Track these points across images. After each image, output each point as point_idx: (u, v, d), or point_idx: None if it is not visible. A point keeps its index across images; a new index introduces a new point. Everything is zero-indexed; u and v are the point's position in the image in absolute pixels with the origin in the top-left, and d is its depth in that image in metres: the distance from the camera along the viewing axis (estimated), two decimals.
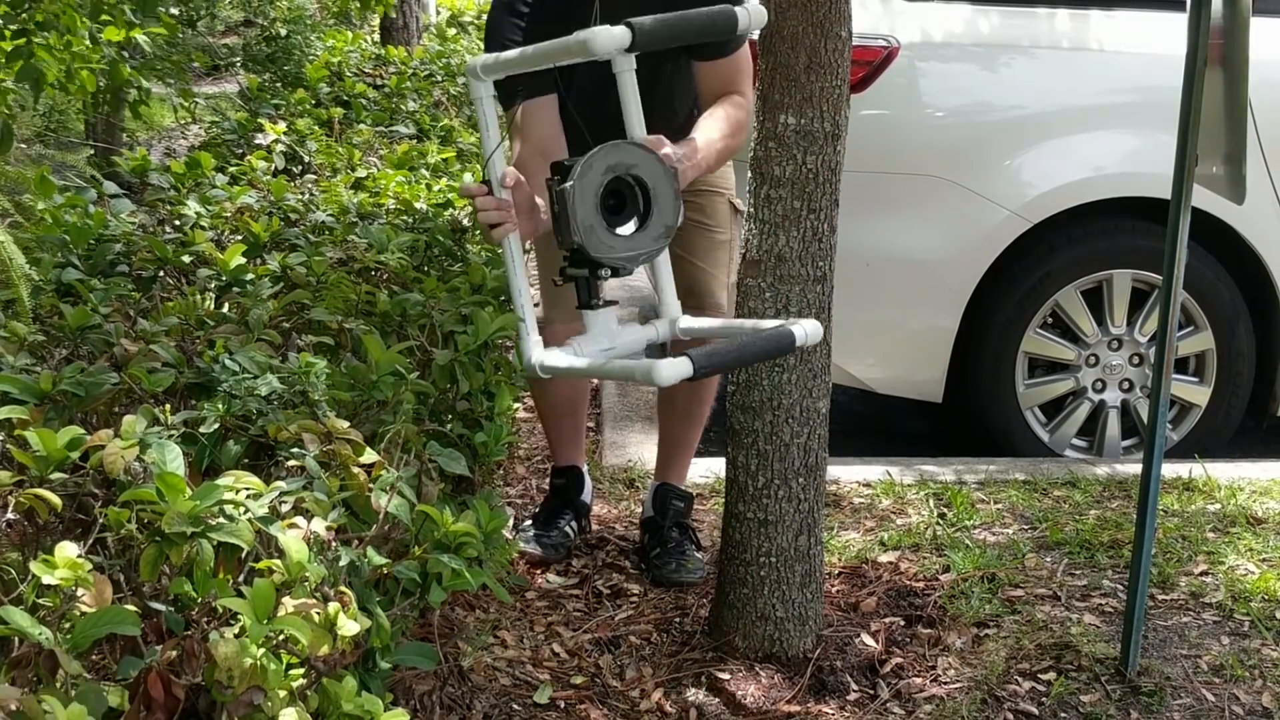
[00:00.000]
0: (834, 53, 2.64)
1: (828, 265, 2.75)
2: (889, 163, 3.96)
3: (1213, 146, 2.51)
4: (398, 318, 2.70)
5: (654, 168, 2.46)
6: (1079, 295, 4.09)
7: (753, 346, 2.31)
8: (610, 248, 2.44)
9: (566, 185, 2.38)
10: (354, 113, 5.50)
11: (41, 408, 2.08)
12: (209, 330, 2.48)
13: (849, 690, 2.74)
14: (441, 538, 2.15)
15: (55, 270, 2.75)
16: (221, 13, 8.95)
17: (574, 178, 2.39)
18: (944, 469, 3.92)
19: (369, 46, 7.12)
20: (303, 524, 1.90)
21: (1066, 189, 3.98)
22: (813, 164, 2.68)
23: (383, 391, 2.35)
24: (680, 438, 3.36)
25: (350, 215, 3.46)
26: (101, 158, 5.71)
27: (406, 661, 2.13)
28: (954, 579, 3.11)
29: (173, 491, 1.76)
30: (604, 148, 2.43)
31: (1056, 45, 4.07)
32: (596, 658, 2.90)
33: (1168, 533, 3.36)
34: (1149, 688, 2.67)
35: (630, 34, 2.24)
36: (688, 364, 2.17)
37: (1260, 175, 3.91)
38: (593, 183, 2.41)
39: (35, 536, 1.86)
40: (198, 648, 1.70)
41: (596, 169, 2.42)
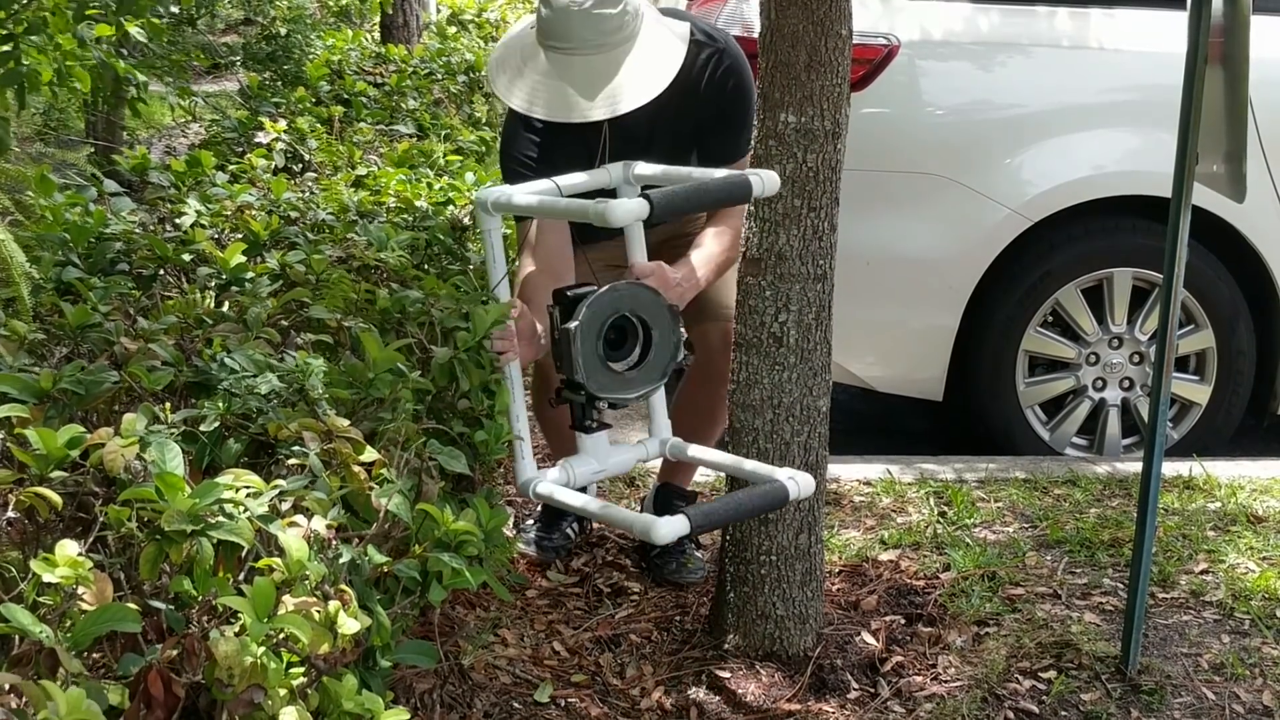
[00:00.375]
0: (834, 51, 2.64)
1: (828, 263, 2.75)
2: (889, 161, 3.96)
3: (1213, 145, 2.51)
4: (397, 315, 2.70)
5: (657, 309, 2.57)
6: (1079, 294, 4.09)
7: (747, 504, 2.47)
8: (610, 385, 2.57)
9: (571, 326, 2.48)
10: (354, 111, 5.49)
11: (41, 406, 2.08)
12: (207, 329, 2.47)
13: (849, 688, 2.74)
14: (442, 536, 2.15)
15: (55, 269, 2.75)
16: (221, 11, 8.95)
17: (578, 318, 2.49)
18: (944, 467, 3.92)
19: (369, 45, 7.11)
20: (303, 522, 1.90)
21: (1067, 187, 3.97)
22: (813, 162, 2.68)
23: (380, 389, 2.35)
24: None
25: (350, 214, 3.46)
26: (102, 156, 5.71)
27: (407, 660, 2.13)
28: (954, 577, 3.11)
29: (171, 490, 1.76)
30: (609, 289, 2.53)
31: (1056, 44, 4.07)
32: (597, 656, 2.90)
33: (1168, 531, 3.35)
34: (1149, 686, 2.67)
35: (649, 207, 2.30)
36: (685, 522, 2.31)
37: (1261, 173, 3.91)
38: (596, 323, 2.51)
39: (35, 535, 1.86)
40: (198, 646, 1.70)
41: (601, 309, 2.52)
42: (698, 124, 2.97)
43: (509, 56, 2.92)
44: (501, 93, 2.89)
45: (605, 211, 2.30)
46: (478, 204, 2.66)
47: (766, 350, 2.75)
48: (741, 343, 2.79)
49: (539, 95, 2.82)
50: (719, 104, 2.97)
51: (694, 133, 2.97)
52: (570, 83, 2.80)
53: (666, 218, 2.49)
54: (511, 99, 2.86)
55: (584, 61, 2.80)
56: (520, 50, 2.90)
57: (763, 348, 2.76)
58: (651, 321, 2.58)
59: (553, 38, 2.82)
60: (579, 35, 2.79)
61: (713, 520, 2.45)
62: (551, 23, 2.81)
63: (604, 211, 2.31)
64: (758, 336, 2.76)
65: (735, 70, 2.97)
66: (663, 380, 2.64)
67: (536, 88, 2.83)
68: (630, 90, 2.80)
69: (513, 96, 2.85)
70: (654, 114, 2.85)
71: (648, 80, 2.81)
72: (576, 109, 2.79)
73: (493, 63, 2.95)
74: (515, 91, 2.85)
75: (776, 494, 2.45)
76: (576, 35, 2.80)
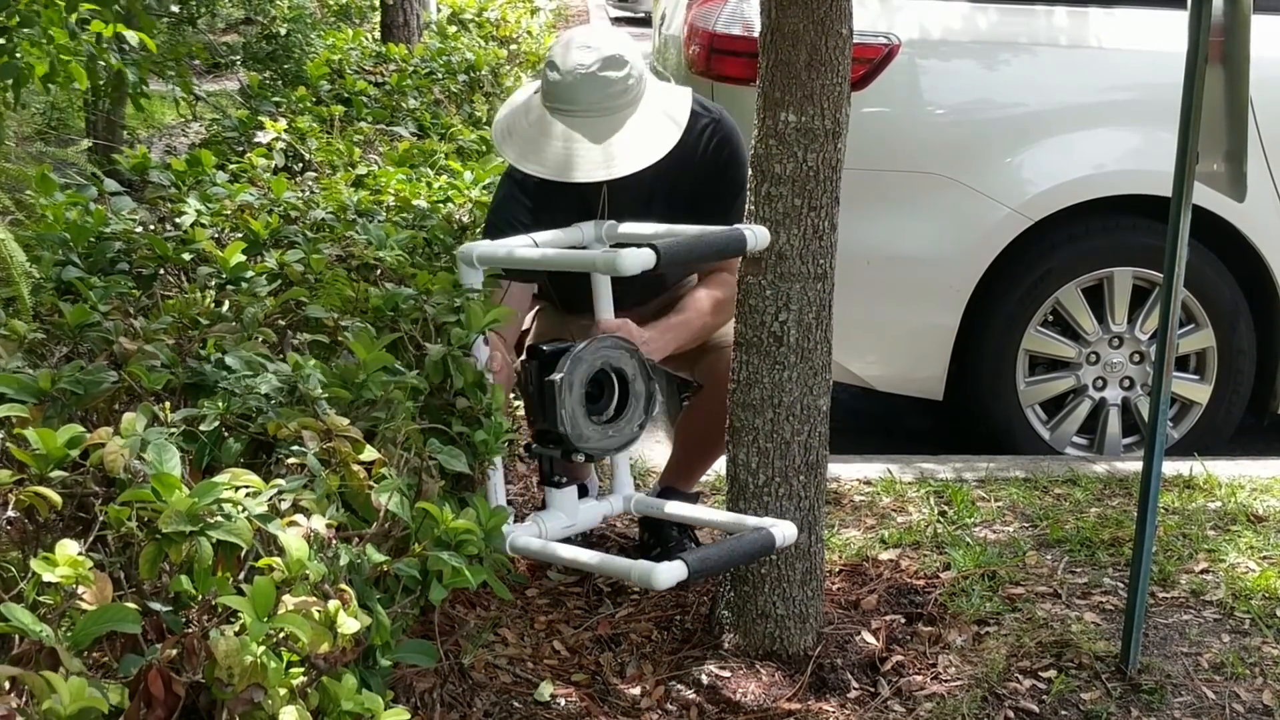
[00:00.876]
0: (834, 50, 2.64)
1: (828, 263, 2.75)
2: (889, 160, 3.96)
3: (1214, 144, 2.51)
4: (390, 313, 2.70)
5: (634, 364, 2.68)
6: (1079, 293, 4.09)
7: (739, 551, 2.60)
8: (590, 438, 2.66)
9: (556, 377, 2.57)
10: (354, 110, 5.49)
11: (41, 406, 2.08)
12: (203, 329, 2.47)
13: (849, 688, 2.74)
14: (442, 535, 2.15)
15: (55, 268, 2.75)
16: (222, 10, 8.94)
17: (563, 370, 2.58)
18: (944, 467, 3.92)
19: (369, 44, 7.11)
20: (302, 521, 1.90)
21: (1067, 186, 3.97)
22: (813, 161, 2.68)
23: (372, 390, 2.34)
24: (696, 461, 3.35)
25: (349, 213, 3.45)
26: (102, 155, 5.71)
27: (407, 659, 2.13)
28: (954, 577, 3.11)
29: (168, 491, 1.76)
30: (590, 343, 2.63)
31: (1056, 43, 4.06)
32: (597, 655, 2.90)
33: (1168, 530, 3.35)
34: (1149, 685, 2.67)
35: (656, 257, 2.38)
36: (682, 567, 2.43)
37: (1261, 173, 3.91)
38: (580, 376, 2.61)
39: (35, 534, 1.86)
40: (198, 645, 1.70)
41: (584, 363, 2.62)
42: (693, 191, 3.05)
43: (515, 120, 3.00)
44: (510, 157, 2.95)
45: (615, 261, 2.37)
46: (461, 258, 2.69)
47: (767, 349, 2.75)
48: (742, 342, 2.79)
49: (542, 155, 2.89)
50: (714, 172, 3.06)
51: (689, 200, 3.03)
52: (574, 144, 2.88)
53: (671, 268, 2.57)
54: (515, 159, 2.93)
55: (588, 124, 2.88)
56: (525, 114, 2.98)
57: (763, 347, 2.76)
58: (630, 375, 2.69)
59: (558, 100, 2.90)
60: (584, 98, 2.88)
61: (708, 566, 2.55)
62: (558, 86, 2.90)
63: (614, 261, 2.38)
64: (758, 335, 2.76)
65: (730, 140, 3.08)
66: (639, 434, 2.76)
67: (540, 148, 2.90)
68: (633, 153, 2.89)
69: (517, 157, 2.93)
70: (651, 181, 2.95)
71: (650, 144, 2.91)
72: (579, 170, 2.86)
73: (499, 126, 3.02)
74: (519, 151, 2.93)
75: (764, 543, 2.60)
76: (582, 98, 2.88)
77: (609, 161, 2.86)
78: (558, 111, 2.91)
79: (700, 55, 4.14)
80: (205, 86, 7.95)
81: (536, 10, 11.14)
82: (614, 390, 2.69)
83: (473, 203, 3.92)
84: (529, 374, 2.66)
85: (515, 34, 9.63)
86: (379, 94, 5.82)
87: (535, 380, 2.64)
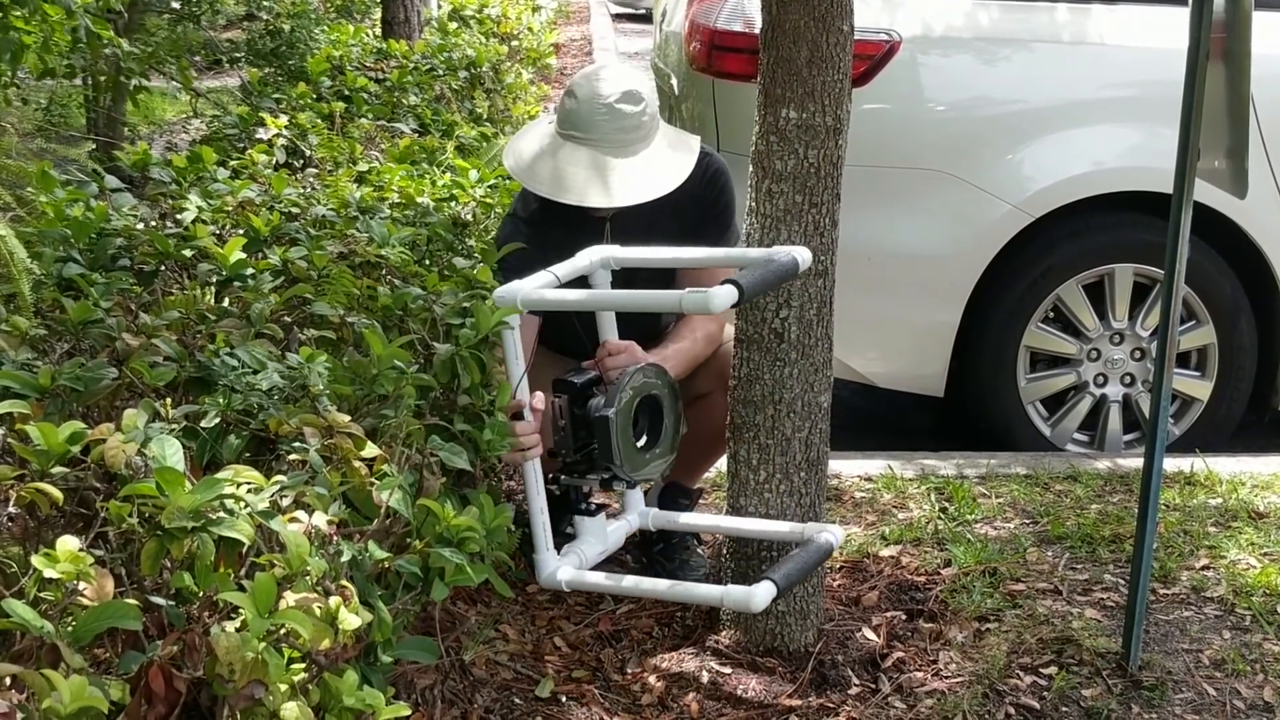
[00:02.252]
0: (835, 47, 2.64)
1: (829, 259, 2.75)
2: (890, 157, 3.96)
3: (1215, 141, 2.51)
4: (399, 312, 2.70)
5: (666, 387, 2.77)
6: (1080, 289, 4.09)
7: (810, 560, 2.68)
8: (639, 465, 2.74)
9: (610, 413, 2.63)
10: (355, 106, 5.49)
11: (42, 402, 2.08)
12: (210, 325, 2.47)
13: (850, 684, 2.74)
14: (443, 532, 2.15)
15: (56, 264, 2.74)
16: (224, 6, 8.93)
17: (618, 405, 2.64)
18: (945, 463, 3.92)
19: (370, 40, 7.10)
20: (304, 518, 1.91)
21: (1068, 183, 3.97)
22: (814, 158, 2.68)
23: (384, 386, 2.35)
24: (701, 459, 3.35)
25: (351, 209, 3.45)
26: (103, 151, 5.71)
27: (408, 655, 2.13)
28: (955, 573, 3.11)
29: (172, 486, 1.76)
30: (630, 374, 2.69)
31: (1058, 39, 4.06)
32: (598, 651, 2.91)
33: (1169, 527, 3.35)
34: (1150, 682, 2.67)
35: (739, 292, 2.47)
36: (772, 587, 2.54)
37: (1262, 169, 3.91)
38: (628, 409, 2.67)
39: (37, 530, 1.86)
40: (199, 642, 1.70)
41: (628, 395, 2.68)
42: (692, 221, 3.12)
43: (526, 148, 3.08)
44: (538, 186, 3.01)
45: (708, 301, 2.43)
46: (499, 303, 2.67)
47: (768, 346, 2.75)
48: (743, 338, 2.79)
49: (561, 181, 2.98)
50: (710, 202, 3.16)
51: (688, 230, 3.09)
52: (593, 171, 2.98)
53: (753, 299, 2.64)
54: (536, 185, 3.01)
55: (605, 153, 2.99)
56: (539, 141, 3.07)
57: (764, 343, 2.76)
58: (663, 399, 2.76)
59: (576, 128, 3.00)
60: (601, 127, 2.98)
61: (791, 580, 2.62)
62: (575, 114, 3.01)
63: (705, 301, 2.44)
64: (759, 332, 2.76)
65: (723, 172, 3.20)
66: (674, 452, 2.83)
67: (559, 175, 2.99)
68: (649, 182, 2.99)
69: (536, 183, 3.01)
70: (652, 213, 3.02)
71: (664, 174, 3.01)
72: (595, 195, 2.95)
73: (517, 158, 3.08)
74: (538, 177, 3.01)
75: (826, 548, 2.71)
76: (599, 127, 2.98)
77: (623, 188, 2.97)
78: (573, 139, 3.01)
79: (701, 52, 4.14)
80: (206, 83, 7.95)
81: (538, 7, 11.14)
82: (647, 416, 2.75)
83: (476, 201, 3.92)
84: (558, 408, 2.70)
85: (516, 30, 9.62)
86: (380, 90, 5.82)
87: (570, 413, 2.70)
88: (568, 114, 3.02)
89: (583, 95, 3.01)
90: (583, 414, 2.71)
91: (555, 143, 3.04)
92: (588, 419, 2.70)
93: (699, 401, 3.19)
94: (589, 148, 3.00)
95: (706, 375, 3.16)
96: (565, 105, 3.04)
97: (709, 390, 3.17)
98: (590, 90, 3.01)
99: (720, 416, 3.10)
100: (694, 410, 3.22)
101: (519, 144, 3.14)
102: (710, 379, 3.15)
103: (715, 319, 3.12)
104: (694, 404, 3.21)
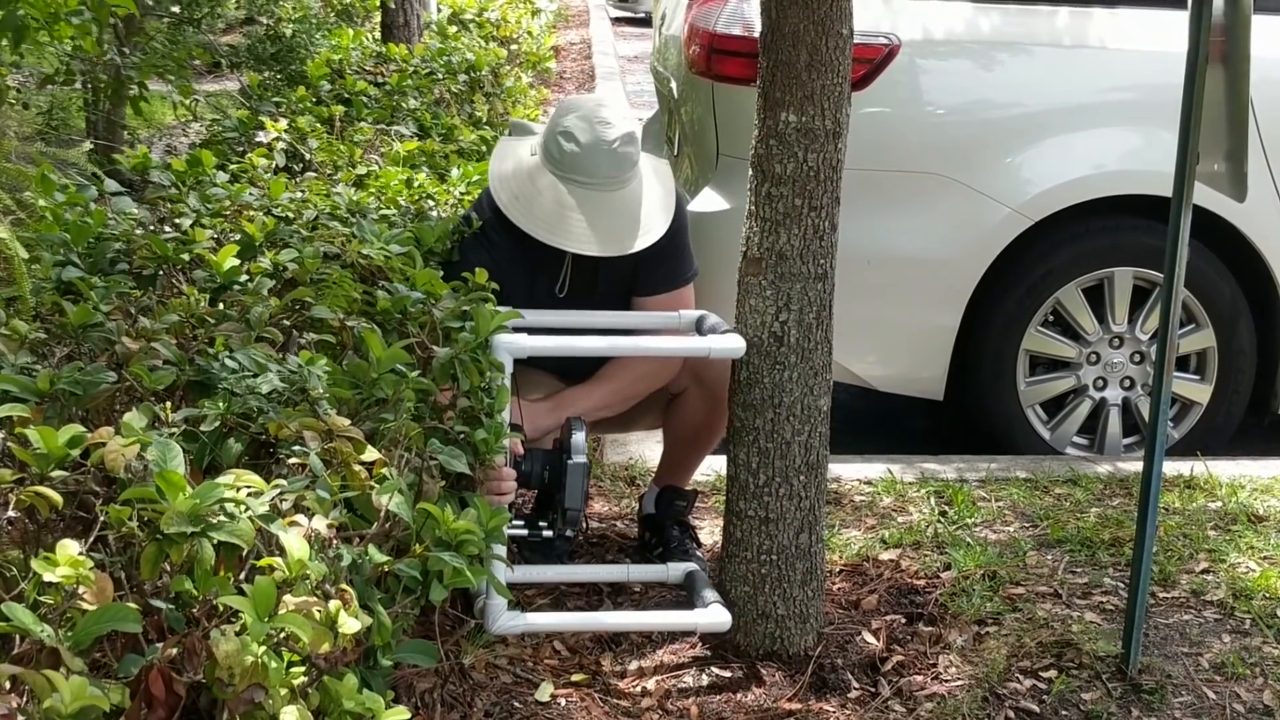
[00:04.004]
0: (835, 50, 2.64)
1: (829, 263, 2.75)
2: (890, 160, 3.96)
3: (1214, 144, 2.51)
4: (398, 315, 2.70)
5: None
6: (1080, 293, 4.09)
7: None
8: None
9: (580, 460, 2.77)
10: (355, 110, 5.48)
11: (42, 406, 2.08)
12: (210, 329, 2.47)
13: (850, 688, 2.74)
14: (443, 535, 2.15)
15: (55, 268, 2.74)
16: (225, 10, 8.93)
17: (582, 452, 2.78)
18: (945, 467, 3.92)
19: (370, 44, 7.10)
20: (304, 522, 1.90)
21: (1067, 186, 3.97)
22: (814, 161, 2.68)
23: (384, 389, 2.35)
24: (689, 457, 3.36)
25: (341, 211, 3.45)
26: (103, 155, 5.71)
27: (407, 659, 2.13)
28: (955, 577, 3.11)
29: (173, 490, 1.76)
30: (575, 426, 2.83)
31: (1057, 43, 4.06)
32: (598, 655, 2.90)
33: (1169, 530, 3.35)
34: (1150, 685, 2.67)
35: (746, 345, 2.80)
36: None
37: (1261, 173, 3.91)
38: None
39: (36, 534, 1.86)
40: (199, 645, 1.70)
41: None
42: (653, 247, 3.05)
43: (517, 185, 3.02)
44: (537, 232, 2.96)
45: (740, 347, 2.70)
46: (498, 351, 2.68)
47: (767, 349, 2.75)
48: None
49: (565, 227, 2.95)
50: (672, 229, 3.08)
51: (647, 254, 3.04)
52: (597, 217, 2.95)
53: None
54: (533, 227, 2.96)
55: (610, 197, 2.97)
56: (531, 178, 3.02)
57: (763, 346, 2.76)
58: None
59: (578, 173, 2.96)
60: (605, 172, 2.96)
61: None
62: (578, 159, 2.95)
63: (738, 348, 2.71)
64: (758, 335, 2.76)
65: (681, 195, 3.17)
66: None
67: (568, 223, 2.95)
68: (654, 222, 3.01)
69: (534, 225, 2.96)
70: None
71: (663, 212, 3.03)
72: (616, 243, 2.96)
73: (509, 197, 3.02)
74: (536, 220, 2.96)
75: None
76: (603, 172, 2.96)
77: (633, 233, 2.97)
78: (575, 183, 2.96)
79: (700, 55, 4.14)
80: (206, 86, 7.96)
81: (537, 11, 11.15)
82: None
83: (457, 200, 3.92)
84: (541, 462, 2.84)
85: (515, 34, 9.63)
86: (379, 94, 5.82)
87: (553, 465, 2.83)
88: (569, 158, 2.95)
89: (586, 141, 2.94)
90: (547, 455, 2.85)
91: (549, 180, 2.98)
92: (556, 462, 2.81)
93: (675, 400, 3.20)
94: (591, 190, 2.96)
95: (681, 374, 3.17)
96: (564, 147, 2.96)
97: (683, 388, 3.17)
98: (594, 136, 2.95)
99: (698, 413, 3.14)
100: (671, 409, 3.23)
101: (506, 177, 3.05)
102: (685, 376, 3.16)
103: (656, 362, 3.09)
104: (671, 403, 3.22)
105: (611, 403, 3.10)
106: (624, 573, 3.15)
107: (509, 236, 3.03)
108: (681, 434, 3.25)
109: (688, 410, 3.20)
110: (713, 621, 2.84)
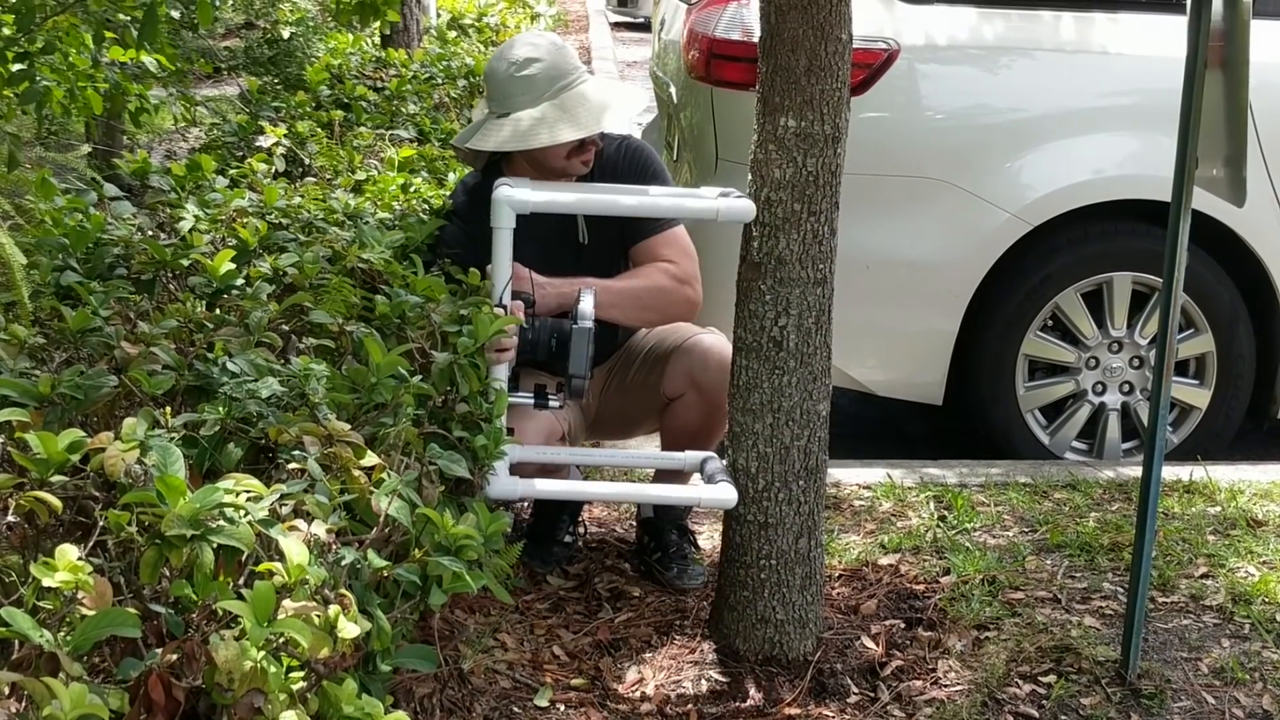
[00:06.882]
0: (834, 55, 2.64)
1: (828, 268, 2.75)
2: (889, 165, 3.96)
3: (1213, 149, 2.51)
4: (397, 320, 2.70)
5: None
6: (1079, 298, 4.09)
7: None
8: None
9: (589, 325, 2.78)
10: (354, 115, 5.49)
11: (41, 411, 2.08)
12: (209, 333, 2.47)
13: (849, 693, 2.74)
14: (442, 540, 2.15)
15: (54, 273, 2.74)
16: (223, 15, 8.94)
17: (590, 319, 2.78)
18: (944, 472, 3.92)
19: (369, 49, 7.10)
20: (303, 527, 1.90)
21: (1066, 191, 3.97)
22: (813, 167, 2.68)
23: (383, 394, 2.35)
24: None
25: (337, 215, 3.45)
26: (102, 160, 5.71)
27: (407, 664, 2.13)
28: (954, 582, 3.11)
29: (173, 494, 1.76)
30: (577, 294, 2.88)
31: (1057, 48, 4.07)
32: (597, 660, 2.90)
33: (1168, 535, 3.35)
34: (1149, 690, 2.67)
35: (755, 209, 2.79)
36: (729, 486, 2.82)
37: (1260, 178, 3.91)
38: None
39: (35, 539, 1.86)
40: (198, 650, 1.70)
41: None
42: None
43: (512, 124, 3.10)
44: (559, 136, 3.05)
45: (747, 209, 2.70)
46: (502, 201, 2.74)
47: (766, 354, 2.75)
48: (741, 347, 2.79)
49: (577, 120, 3.07)
50: (640, 180, 3.18)
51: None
52: (592, 101, 3.09)
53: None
54: (570, 132, 3.05)
55: (568, 96, 3.09)
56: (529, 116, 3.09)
57: (763, 352, 2.76)
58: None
59: (564, 75, 3.11)
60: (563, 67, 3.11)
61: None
62: (554, 68, 3.10)
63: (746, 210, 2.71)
64: (758, 340, 2.76)
65: (645, 149, 3.28)
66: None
67: (573, 116, 3.07)
68: (627, 98, 3.17)
69: (571, 130, 3.05)
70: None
71: (628, 97, 3.19)
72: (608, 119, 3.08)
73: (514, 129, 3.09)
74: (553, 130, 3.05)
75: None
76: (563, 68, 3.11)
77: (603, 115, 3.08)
78: (568, 86, 3.09)
79: (700, 60, 4.14)
80: (205, 91, 7.95)
81: (537, 16, 11.15)
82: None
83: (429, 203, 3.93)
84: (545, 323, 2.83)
85: None
86: (379, 99, 5.82)
87: (564, 328, 2.81)
88: (550, 70, 3.08)
89: (550, 58, 3.09)
90: (555, 324, 2.83)
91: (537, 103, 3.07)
92: (563, 329, 2.80)
93: (673, 404, 3.21)
94: (580, 87, 3.09)
95: (678, 378, 3.18)
96: (532, 73, 3.07)
97: (681, 392, 3.18)
98: (520, 53, 3.09)
99: (695, 417, 3.14)
100: (668, 414, 3.24)
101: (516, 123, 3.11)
102: (682, 381, 3.17)
103: (665, 271, 3.14)
104: (668, 408, 3.22)
105: (623, 302, 3.09)
106: (641, 458, 3.35)
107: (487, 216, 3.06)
108: (679, 439, 3.25)
109: (685, 415, 3.20)
110: (717, 497, 2.80)
